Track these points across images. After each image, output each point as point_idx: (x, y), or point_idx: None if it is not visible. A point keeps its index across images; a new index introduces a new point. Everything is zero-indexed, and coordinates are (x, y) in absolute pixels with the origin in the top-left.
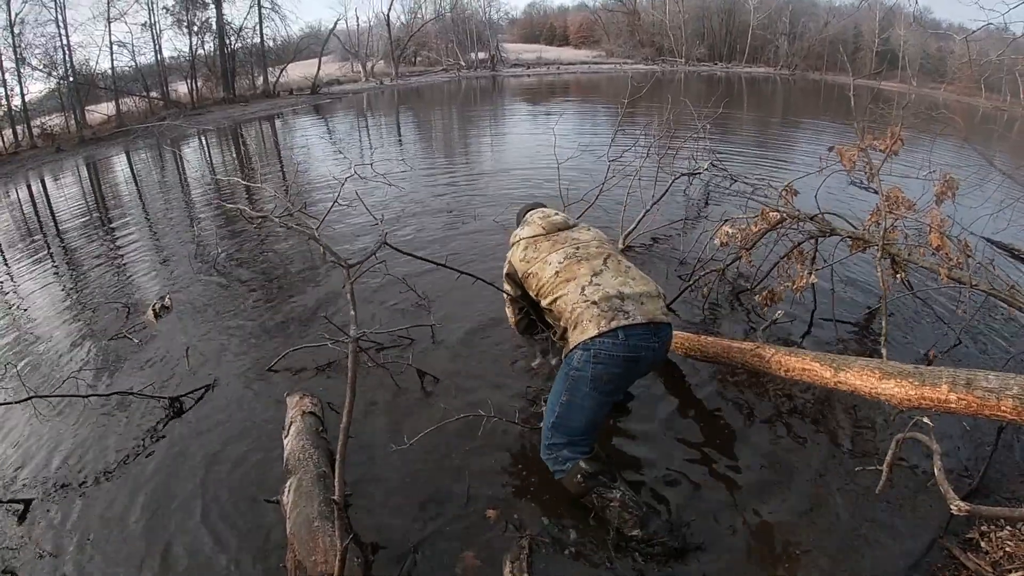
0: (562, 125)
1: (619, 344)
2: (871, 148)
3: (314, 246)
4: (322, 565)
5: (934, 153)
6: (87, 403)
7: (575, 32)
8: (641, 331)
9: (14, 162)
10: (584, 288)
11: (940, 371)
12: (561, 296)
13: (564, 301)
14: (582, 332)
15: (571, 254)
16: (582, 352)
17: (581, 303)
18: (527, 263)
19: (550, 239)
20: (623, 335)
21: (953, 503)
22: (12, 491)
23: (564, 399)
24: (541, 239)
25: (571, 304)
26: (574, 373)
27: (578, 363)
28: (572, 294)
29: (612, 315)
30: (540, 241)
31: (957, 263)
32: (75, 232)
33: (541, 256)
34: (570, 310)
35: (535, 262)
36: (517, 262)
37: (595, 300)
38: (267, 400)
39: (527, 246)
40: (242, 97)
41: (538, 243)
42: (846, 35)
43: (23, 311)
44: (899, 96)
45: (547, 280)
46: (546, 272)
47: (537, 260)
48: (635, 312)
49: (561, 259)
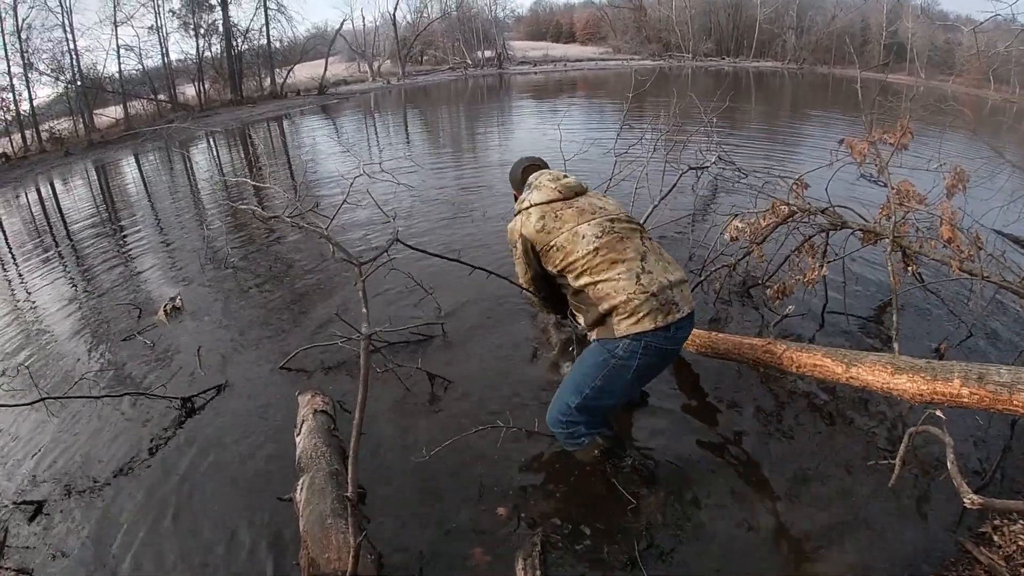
0: (568, 120)
1: (669, 338)
2: (880, 141)
3: (323, 245)
4: (335, 562)
5: (943, 146)
6: (99, 404)
7: (581, 29)
8: (686, 323)
9: (23, 166)
10: (639, 276)
11: (952, 365)
12: (608, 280)
13: (613, 287)
14: (636, 323)
15: (607, 228)
16: (631, 342)
17: (640, 293)
18: (547, 233)
19: (571, 205)
20: (674, 329)
21: (966, 496)
22: (25, 492)
23: (598, 384)
24: (560, 204)
25: (626, 292)
26: (616, 362)
27: (624, 352)
28: (626, 281)
29: (668, 308)
30: (560, 208)
31: (968, 256)
32: (85, 234)
33: (567, 226)
34: (625, 298)
35: (558, 232)
36: (532, 232)
37: (654, 292)
38: (279, 399)
39: (543, 214)
40: (249, 99)
41: (557, 210)
42: (853, 28)
43: (33, 313)
44: (907, 89)
45: (582, 256)
46: (579, 247)
47: (561, 230)
48: (682, 304)
49: (598, 233)
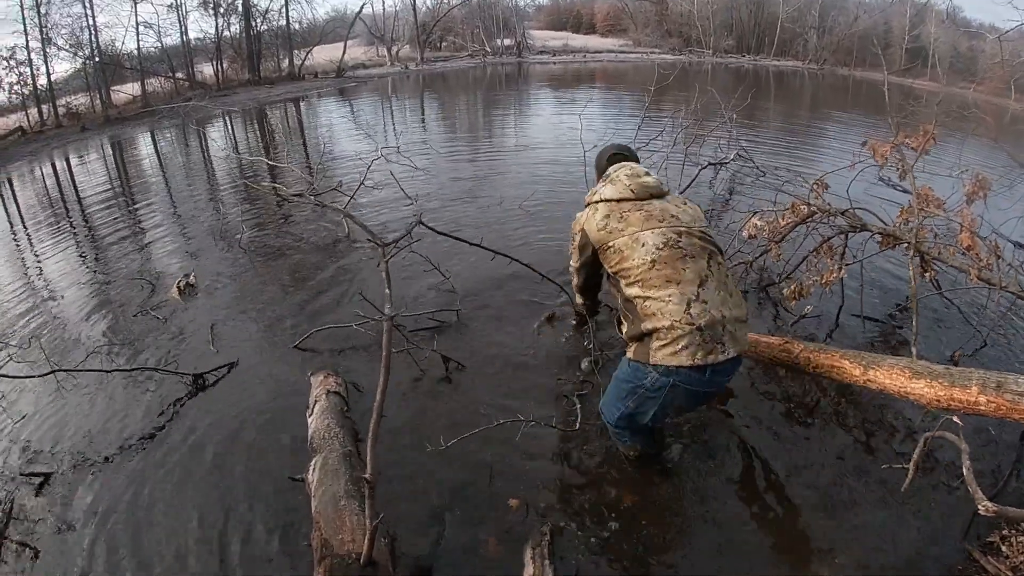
0: (588, 111)
1: (703, 381)
2: (904, 145)
3: (338, 225)
4: (349, 544)
5: (963, 153)
6: (110, 378)
7: (602, 20)
8: (728, 366)
9: (39, 140)
10: (691, 304)
11: (971, 372)
12: (656, 299)
13: (660, 308)
14: (672, 354)
15: (672, 241)
16: (660, 376)
17: (685, 324)
18: (608, 233)
19: (641, 208)
20: (710, 372)
21: (981, 503)
22: (32, 464)
23: (631, 406)
24: (629, 205)
25: (671, 318)
26: (643, 392)
27: (651, 385)
28: (674, 305)
29: (710, 347)
30: (628, 209)
31: (987, 264)
32: (99, 209)
33: (629, 229)
34: (668, 324)
35: (620, 234)
36: (594, 231)
37: (701, 325)
38: (291, 379)
39: (609, 212)
40: (267, 79)
41: (624, 211)
42: (876, 31)
43: (46, 286)
44: (928, 94)
45: (637, 266)
46: (636, 255)
47: (623, 233)
48: (730, 345)
49: (660, 244)
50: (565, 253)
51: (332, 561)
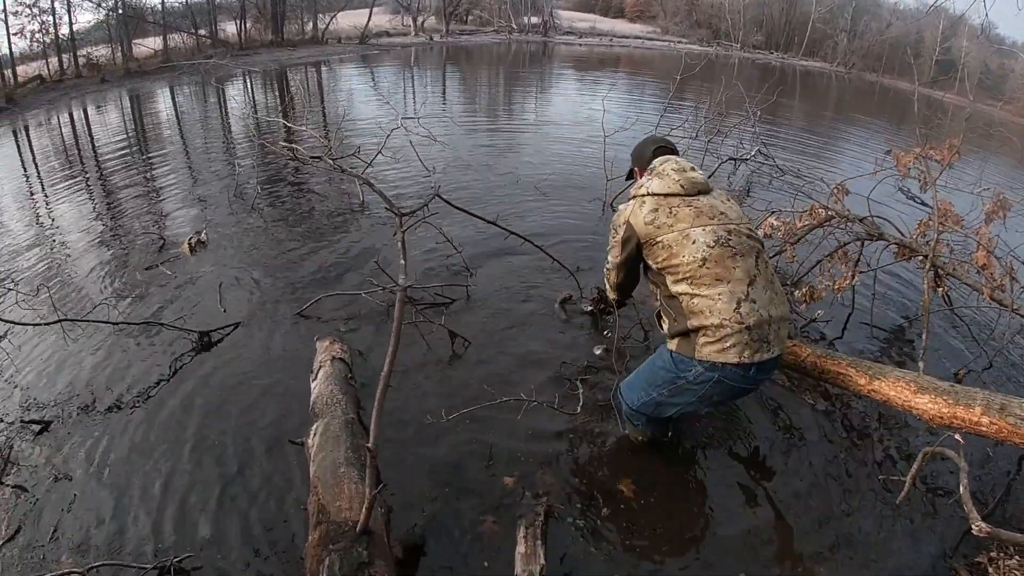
0: (611, 96)
1: (747, 378)
2: (928, 157)
3: (352, 193)
4: (346, 511)
5: (986, 171)
6: (116, 330)
7: (631, 5)
8: (770, 365)
9: (58, 89)
10: (740, 303)
11: (975, 392)
12: (705, 297)
13: (709, 306)
14: (719, 352)
15: (723, 239)
16: (704, 371)
17: (734, 323)
18: (656, 228)
19: (691, 204)
20: (755, 370)
21: (975, 523)
22: (34, 411)
23: (664, 394)
24: (678, 200)
25: (720, 316)
26: (683, 383)
27: (694, 378)
28: (724, 304)
29: (757, 346)
30: (677, 205)
31: (1000, 285)
32: (114, 161)
33: (679, 225)
34: (717, 322)
35: (669, 230)
36: (641, 224)
37: (749, 325)
38: (296, 342)
39: (657, 206)
40: (290, 41)
41: (673, 206)
42: (907, 39)
43: (57, 235)
44: (955, 108)
45: (687, 263)
46: (687, 252)
47: (672, 228)
48: (775, 344)
49: (711, 242)
50: (600, 246)
51: (328, 527)
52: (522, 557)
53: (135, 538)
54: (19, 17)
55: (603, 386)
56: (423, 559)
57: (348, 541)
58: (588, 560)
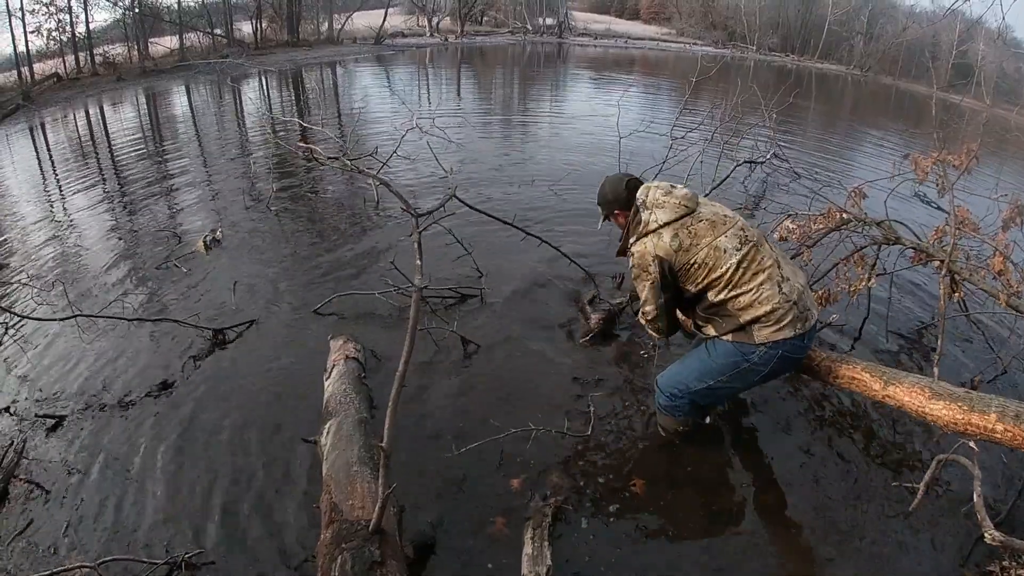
0: (626, 98)
1: (802, 347)
2: (946, 162)
3: (366, 193)
4: (359, 510)
5: (1002, 176)
6: (130, 326)
7: (646, 7)
8: (814, 331)
9: (75, 88)
10: (780, 284)
11: (990, 399)
12: (750, 291)
13: (757, 298)
14: (779, 331)
15: (743, 238)
16: (769, 350)
17: (784, 303)
18: (685, 252)
19: (700, 219)
20: (807, 338)
21: (988, 531)
22: (48, 405)
23: (723, 380)
24: (689, 220)
25: (771, 302)
26: (748, 366)
27: (759, 359)
28: (769, 291)
29: (805, 316)
30: (690, 224)
31: (1016, 291)
32: (129, 159)
33: (704, 241)
34: (770, 308)
35: (697, 250)
36: (670, 252)
37: (794, 300)
38: (310, 341)
39: (675, 232)
40: (305, 41)
41: (688, 226)
42: (924, 43)
43: (73, 231)
44: (971, 112)
45: (726, 271)
46: (723, 262)
47: (701, 247)
48: (813, 309)
49: (736, 245)
50: (589, 241)
51: (341, 526)
52: (529, 558)
53: (146, 533)
54: (36, 15)
55: (615, 392)
56: (433, 558)
57: (360, 540)
58: (595, 561)
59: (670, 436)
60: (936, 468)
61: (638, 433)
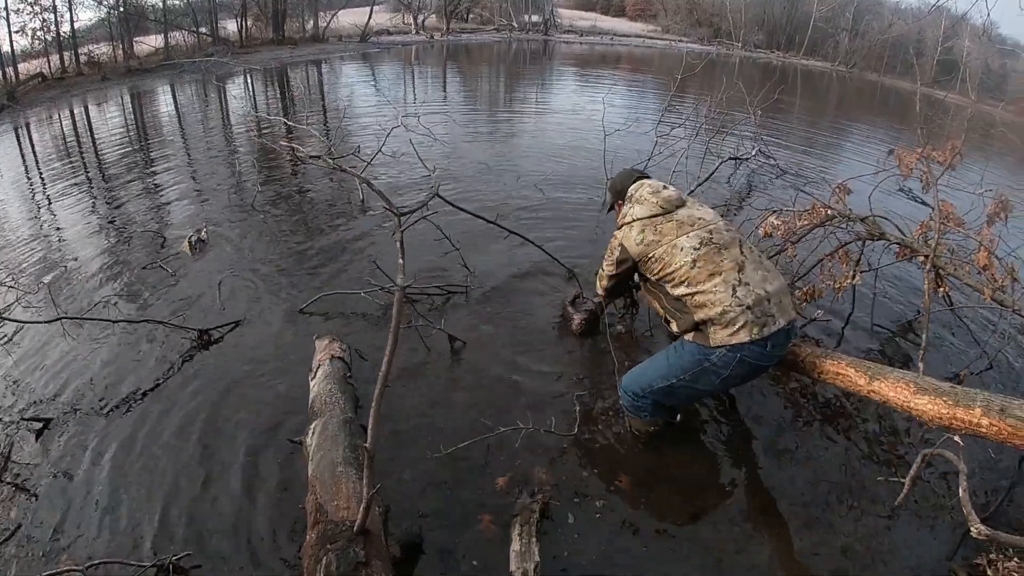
0: (611, 95)
1: (765, 353)
2: (930, 158)
3: (352, 192)
4: (344, 511)
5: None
6: (115, 328)
7: (632, 4)
8: (783, 336)
9: (59, 87)
10: (736, 288)
11: (975, 394)
12: (705, 291)
13: (710, 299)
14: (732, 335)
15: (705, 239)
16: (727, 352)
17: (735, 307)
18: (647, 247)
19: (671, 219)
20: (770, 344)
21: (974, 526)
22: (33, 409)
23: (686, 379)
24: (660, 219)
25: (721, 304)
26: (709, 366)
27: (719, 360)
28: (722, 294)
29: (764, 321)
30: (660, 222)
31: (1001, 285)
32: (114, 159)
33: (666, 240)
34: (720, 311)
35: (657, 246)
36: (633, 246)
37: (749, 304)
38: (295, 341)
39: (643, 227)
40: (291, 39)
41: (657, 224)
42: (909, 39)
43: (57, 233)
44: (956, 108)
45: (680, 268)
46: (677, 259)
47: (660, 244)
48: (779, 315)
49: (696, 244)
50: (600, 245)
51: (326, 526)
52: (516, 554)
53: (134, 536)
54: (21, 15)
55: (600, 390)
56: (420, 558)
57: (345, 540)
58: (582, 557)
59: (642, 436)
60: (921, 463)
61: (623, 431)
